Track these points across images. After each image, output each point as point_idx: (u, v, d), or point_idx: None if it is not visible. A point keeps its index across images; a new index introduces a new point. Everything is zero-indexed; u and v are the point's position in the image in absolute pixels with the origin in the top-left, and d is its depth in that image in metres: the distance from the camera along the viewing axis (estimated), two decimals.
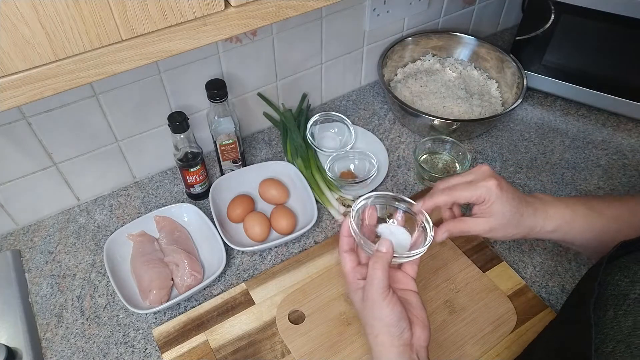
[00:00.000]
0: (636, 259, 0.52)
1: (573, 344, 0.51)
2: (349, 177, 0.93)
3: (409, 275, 0.61)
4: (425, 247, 0.60)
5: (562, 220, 0.63)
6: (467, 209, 0.66)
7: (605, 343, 0.48)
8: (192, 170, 0.85)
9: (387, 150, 0.98)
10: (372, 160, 0.92)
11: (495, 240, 0.62)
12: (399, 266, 0.62)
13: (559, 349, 0.55)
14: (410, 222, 0.64)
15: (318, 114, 0.98)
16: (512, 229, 0.62)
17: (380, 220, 0.65)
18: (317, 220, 0.84)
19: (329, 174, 0.90)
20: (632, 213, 0.64)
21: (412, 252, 0.60)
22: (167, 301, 0.75)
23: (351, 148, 0.96)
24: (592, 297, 0.49)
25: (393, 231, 0.64)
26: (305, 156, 0.93)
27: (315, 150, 0.96)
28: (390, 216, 0.65)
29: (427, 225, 0.62)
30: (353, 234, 0.60)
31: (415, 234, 0.63)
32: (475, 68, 1.12)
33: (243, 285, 0.78)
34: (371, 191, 0.91)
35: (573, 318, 0.53)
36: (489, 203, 0.61)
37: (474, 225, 0.63)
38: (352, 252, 0.61)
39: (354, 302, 0.59)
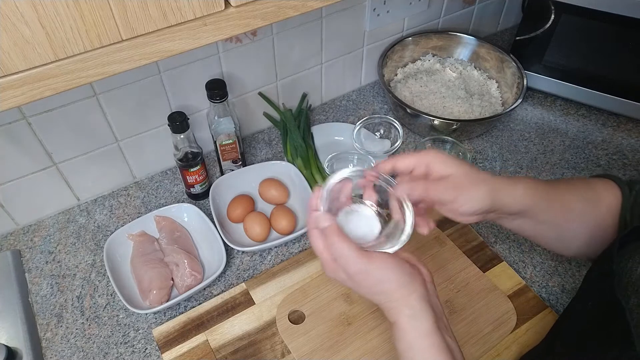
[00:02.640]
0: None
1: (602, 333, 0.49)
2: None
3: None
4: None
5: (531, 185, 0.59)
6: None
7: (635, 330, 0.45)
8: (192, 170, 0.85)
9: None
10: (372, 161, 0.92)
11: (465, 215, 0.56)
12: None
13: (582, 343, 0.52)
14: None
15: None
16: (474, 189, 0.55)
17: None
18: None
19: (327, 171, 0.90)
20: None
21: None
22: (167, 301, 0.75)
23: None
24: (614, 279, 0.47)
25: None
26: (305, 156, 0.93)
27: (315, 152, 0.96)
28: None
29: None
30: (320, 202, 0.53)
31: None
32: (475, 68, 1.12)
33: (243, 285, 0.78)
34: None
35: (595, 307, 0.51)
36: (435, 164, 0.55)
37: (434, 186, 0.55)
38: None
39: (342, 281, 0.54)
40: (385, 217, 0.58)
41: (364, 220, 0.58)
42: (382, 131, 1.00)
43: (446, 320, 0.54)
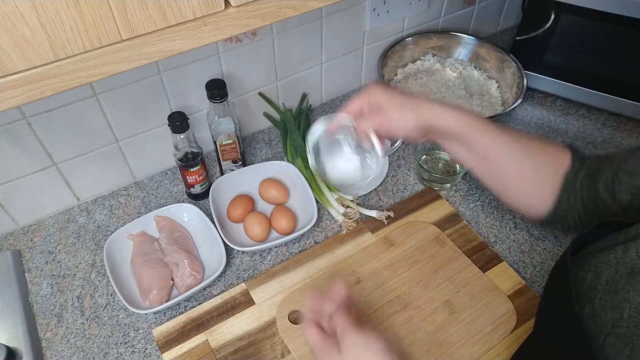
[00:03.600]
0: (591, 252, 0.53)
1: (562, 342, 0.51)
2: None
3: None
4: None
5: (469, 116, 0.65)
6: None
7: (594, 339, 0.47)
8: (192, 170, 0.85)
9: None
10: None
11: (398, 132, 0.67)
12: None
13: (547, 349, 0.55)
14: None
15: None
16: (400, 114, 0.65)
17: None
18: (317, 220, 0.84)
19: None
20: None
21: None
22: (167, 301, 0.75)
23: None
24: (571, 294, 0.49)
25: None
26: (305, 156, 0.93)
27: None
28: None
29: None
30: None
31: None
32: (475, 68, 1.12)
33: (243, 285, 0.78)
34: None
35: (556, 318, 0.53)
36: (374, 97, 0.66)
37: (374, 119, 0.66)
38: (317, 325, 0.60)
39: None
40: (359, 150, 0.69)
41: (345, 157, 0.69)
42: None
43: None
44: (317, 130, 0.69)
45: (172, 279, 0.78)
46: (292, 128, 0.96)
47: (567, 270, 0.51)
